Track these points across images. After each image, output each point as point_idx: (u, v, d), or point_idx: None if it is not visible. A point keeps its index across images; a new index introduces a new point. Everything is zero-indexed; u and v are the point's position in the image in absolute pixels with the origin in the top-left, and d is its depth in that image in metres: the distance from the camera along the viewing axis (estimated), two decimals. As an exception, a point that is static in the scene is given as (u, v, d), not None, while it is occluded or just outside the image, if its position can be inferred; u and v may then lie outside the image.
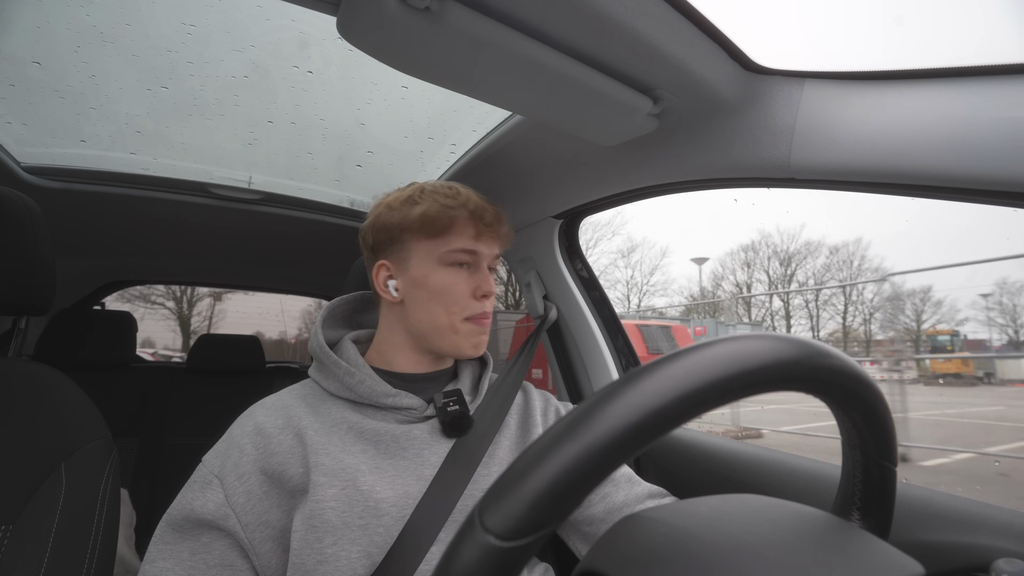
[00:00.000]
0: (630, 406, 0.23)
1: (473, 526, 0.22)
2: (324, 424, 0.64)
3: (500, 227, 0.72)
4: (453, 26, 0.50)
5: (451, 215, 0.68)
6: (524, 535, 0.22)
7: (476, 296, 0.70)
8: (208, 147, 1.25)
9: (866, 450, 0.33)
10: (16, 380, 0.66)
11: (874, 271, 11.63)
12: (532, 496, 0.22)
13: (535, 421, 0.76)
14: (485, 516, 0.22)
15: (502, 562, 0.21)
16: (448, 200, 0.69)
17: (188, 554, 0.55)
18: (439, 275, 0.69)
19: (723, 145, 0.70)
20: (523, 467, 0.23)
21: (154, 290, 11.48)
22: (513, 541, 0.21)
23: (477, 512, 0.23)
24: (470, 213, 0.69)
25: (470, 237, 0.70)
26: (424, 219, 0.68)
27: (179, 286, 11.44)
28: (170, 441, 1.67)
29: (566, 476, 0.22)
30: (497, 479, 0.24)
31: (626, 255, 13.04)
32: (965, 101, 0.48)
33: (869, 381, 0.30)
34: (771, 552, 0.27)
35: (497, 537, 0.21)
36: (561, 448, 0.23)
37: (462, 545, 0.22)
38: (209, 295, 12.07)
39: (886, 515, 0.34)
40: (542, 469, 0.22)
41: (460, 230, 0.69)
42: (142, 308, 11.43)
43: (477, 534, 0.22)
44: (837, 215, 12.25)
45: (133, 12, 0.82)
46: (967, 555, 0.54)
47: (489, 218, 0.70)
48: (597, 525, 0.70)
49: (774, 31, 0.62)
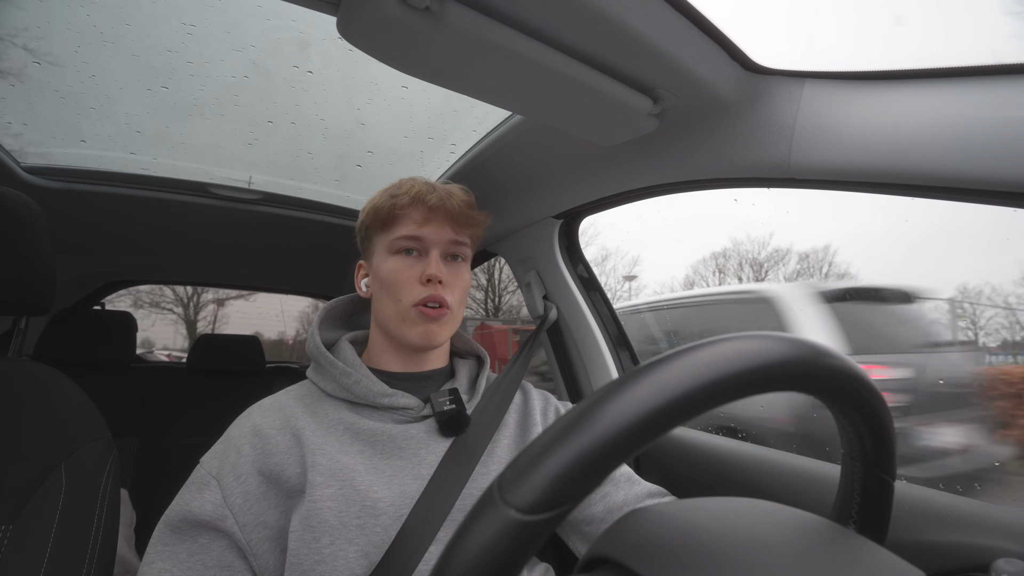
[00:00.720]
0: (652, 390, 0.24)
1: (493, 500, 0.22)
2: (321, 425, 0.64)
3: (450, 208, 0.70)
4: (453, 26, 0.50)
5: (393, 203, 0.70)
6: (546, 509, 0.22)
7: (422, 281, 0.68)
8: (208, 147, 1.24)
9: (867, 462, 0.33)
10: (16, 380, 0.66)
11: (840, 276, 11.92)
12: (556, 470, 0.22)
13: (534, 420, 0.76)
14: (506, 490, 0.22)
15: (522, 536, 0.21)
16: (393, 190, 0.71)
17: (186, 555, 0.55)
18: (388, 264, 0.70)
19: (723, 145, 0.70)
20: (548, 441, 0.23)
21: (164, 297, 11.54)
22: (535, 515, 0.21)
23: (496, 486, 0.23)
24: (412, 199, 0.69)
25: (415, 223, 0.70)
26: (374, 212, 0.71)
27: (186, 292, 11.50)
28: (170, 441, 1.67)
29: (591, 452, 0.22)
30: (519, 453, 0.24)
31: (600, 263, 13.09)
32: (965, 101, 0.48)
33: (872, 384, 0.30)
34: (781, 551, 0.27)
35: (518, 510, 0.21)
36: (586, 425, 0.23)
37: (481, 519, 0.22)
38: (213, 301, 12.08)
39: (883, 527, 0.34)
40: (568, 444, 0.23)
41: (406, 218, 0.70)
42: (154, 314, 11.54)
43: (497, 508, 0.22)
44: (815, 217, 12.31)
45: (133, 12, 0.82)
46: (967, 555, 0.54)
47: (434, 200, 0.69)
48: (597, 524, 0.70)
49: (774, 31, 0.62)
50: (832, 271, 11.23)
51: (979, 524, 0.56)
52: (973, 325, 4.88)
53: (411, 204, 0.69)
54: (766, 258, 12.28)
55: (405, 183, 0.72)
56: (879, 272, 15.41)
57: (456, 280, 0.71)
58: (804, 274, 11.44)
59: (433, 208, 0.69)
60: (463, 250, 0.74)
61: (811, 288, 2.45)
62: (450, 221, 0.71)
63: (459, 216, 0.71)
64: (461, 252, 0.74)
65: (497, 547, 0.21)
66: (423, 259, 0.70)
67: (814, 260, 11.71)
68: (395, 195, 0.70)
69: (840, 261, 10.91)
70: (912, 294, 2.59)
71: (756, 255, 12.43)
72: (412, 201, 0.69)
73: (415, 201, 0.69)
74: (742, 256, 12.59)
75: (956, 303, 4.33)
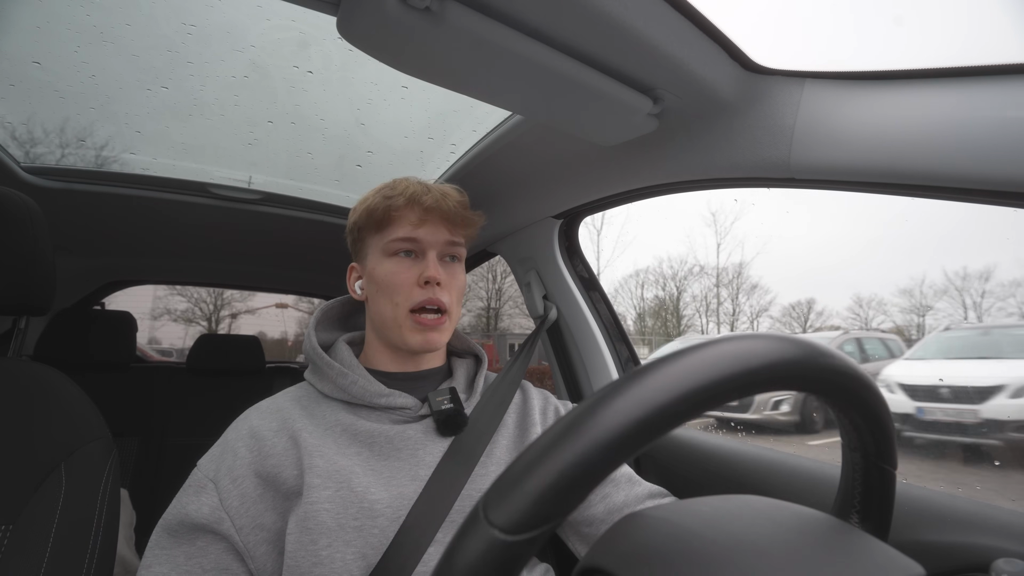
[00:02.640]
0: (633, 402, 0.23)
1: (477, 520, 0.22)
2: (319, 426, 0.64)
3: (445, 209, 0.69)
4: (453, 26, 0.50)
5: (388, 204, 0.69)
6: (529, 529, 0.22)
7: (419, 283, 0.68)
8: (208, 147, 1.24)
9: (866, 452, 0.33)
10: (16, 380, 0.66)
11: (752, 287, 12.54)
12: (538, 490, 0.22)
13: (533, 420, 0.76)
14: (489, 510, 0.22)
15: (506, 556, 0.21)
16: (387, 190, 0.70)
17: (184, 558, 0.55)
18: (384, 266, 0.69)
19: (723, 145, 0.70)
20: (529, 461, 0.23)
21: (177, 304, 11.68)
22: (518, 535, 0.21)
23: (481, 506, 0.23)
24: (407, 200, 0.68)
25: (411, 225, 0.69)
26: (368, 213, 0.70)
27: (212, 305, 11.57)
28: (170, 441, 1.67)
29: (571, 470, 0.22)
30: (502, 473, 0.24)
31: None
32: (965, 101, 0.48)
33: (870, 382, 0.30)
34: (773, 552, 0.27)
35: (502, 531, 0.21)
36: (566, 443, 0.23)
37: (466, 539, 0.22)
38: (228, 316, 12.14)
39: (885, 517, 0.34)
40: (548, 463, 0.22)
41: (401, 219, 0.69)
42: (167, 319, 11.73)
43: (481, 528, 0.22)
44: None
45: (133, 12, 0.82)
46: (967, 555, 0.54)
47: (430, 201, 0.68)
48: (597, 526, 0.70)
49: (774, 31, 0.62)
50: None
51: (979, 524, 0.56)
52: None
53: (407, 205, 0.69)
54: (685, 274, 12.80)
55: (399, 183, 0.71)
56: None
57: (453, 281, 0.71)
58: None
59: (429, 209, 0.69)
60: (458, 251, 0.74)
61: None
62: (446, 222, 0.70)
63: (455, 216, 0.71)
64: (457, 253, 0.74)
65: (481, 569, 0.21)
66: (420, 261, 0.70)
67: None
68: (389, 196, 0.69)
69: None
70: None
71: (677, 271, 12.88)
72: (408, 202, 0.69)
73: (410, 202, 0.69)
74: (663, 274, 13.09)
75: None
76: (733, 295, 12.88)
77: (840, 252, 13.26)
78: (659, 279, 13.58)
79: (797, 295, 15.67)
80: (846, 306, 12.00)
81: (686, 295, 13.36)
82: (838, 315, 12.07)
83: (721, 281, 12.96)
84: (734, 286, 12.88)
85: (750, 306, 12.96)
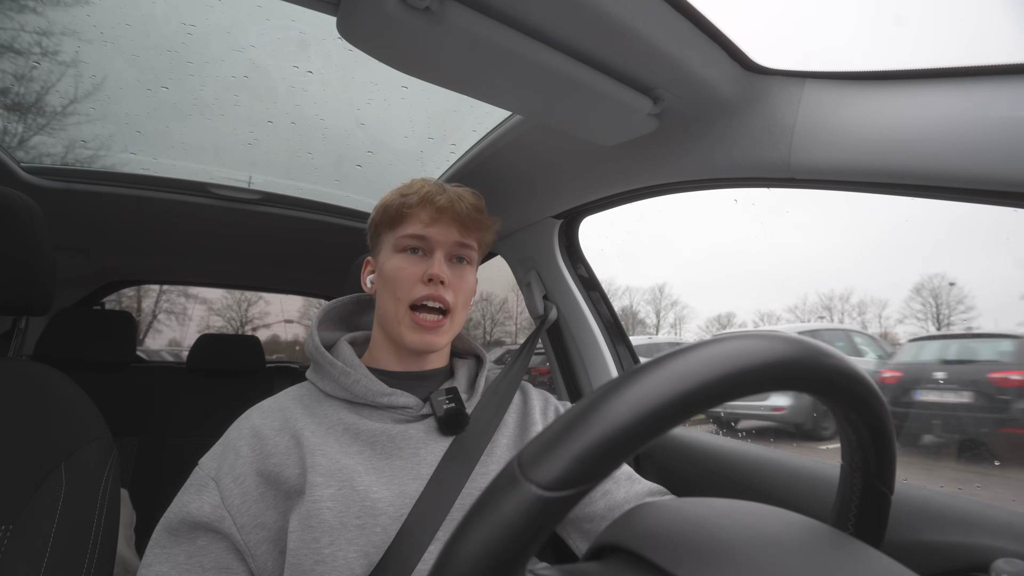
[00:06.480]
0: (678, 375, 0.24)
1: (513, 476, 0.22)
2: (321, 425, 0.64)
3: (458, 210, 0.70)
4: (453, 26, 0.50)
5: (402, 202, 0.70)
6: (569, 486, 0.22)
7: (423, 280, 0.68)
8: (208, 147, 1.25)
9: (867, 473, 0.33)
10: (16, 380, 0.66)
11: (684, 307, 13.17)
12: (581, 448, 0.22)
13: (534, 420, 0.76)
14: (527, 467, 0.22)
15: (543, 512, 0.21)
16: (404, 189, 0.72)
17: (184, 557, 0.55)
18: (392, 261, 0.70)
19: (723, 145, 0.70)
20: (571, 420, 0.23)
21: (214, 321, 11.78)
22: (558, 492, 0.21)
23: (516, 463, 0.23)
24: (421, 199, 0.70)
25: (422, 223, 0.70)
26: (383, 210, 0.73)
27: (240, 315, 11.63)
28: (170, 441, 1.67)
29: (617, 432, 0.22)
30: (542, 431, 0.24)
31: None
32: (965, 101, 0.48)
33: (873, 386, 0.30)
34: (784, 551, 0.27)
35: (541, 487, 0.21)
36: (614, 404, 0.23)
37: (500, 493, 0.22)
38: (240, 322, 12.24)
39: (879, 535, 0.35)
40: (594, 423, 0.23)
41: (413, 217, 0.70)
42: (176, 322, 11.89)
43: (519, 483, 0.22)
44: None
45: (133, 12, 0.82)
46: (967, 555, 0.54)
47: (442, 202, 0.70)
48: (598, 522, 0.71)
49: (774, 31, 0.62)
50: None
51: (978, 524, 0.56)
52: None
53: (419, 204, 0.70)
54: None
55: (416, 183, 0.73)
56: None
57: (460, 282, 0.71)
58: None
59: (441, 209, 0.70)
60: (469, 253, 0.74)
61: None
62: (457, 223, 0.71)
63: (466, 219, 0.71)
64: (467, 255, 0.74)
65: (518, 522, 0.21)
66: (427, 259, 0.70)
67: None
68: (405, 194, 0.71)
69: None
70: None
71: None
72: (421, 201, 0.70)
73: (424, 201, 0.70)
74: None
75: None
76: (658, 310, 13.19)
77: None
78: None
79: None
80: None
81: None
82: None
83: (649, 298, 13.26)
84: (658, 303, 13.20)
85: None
